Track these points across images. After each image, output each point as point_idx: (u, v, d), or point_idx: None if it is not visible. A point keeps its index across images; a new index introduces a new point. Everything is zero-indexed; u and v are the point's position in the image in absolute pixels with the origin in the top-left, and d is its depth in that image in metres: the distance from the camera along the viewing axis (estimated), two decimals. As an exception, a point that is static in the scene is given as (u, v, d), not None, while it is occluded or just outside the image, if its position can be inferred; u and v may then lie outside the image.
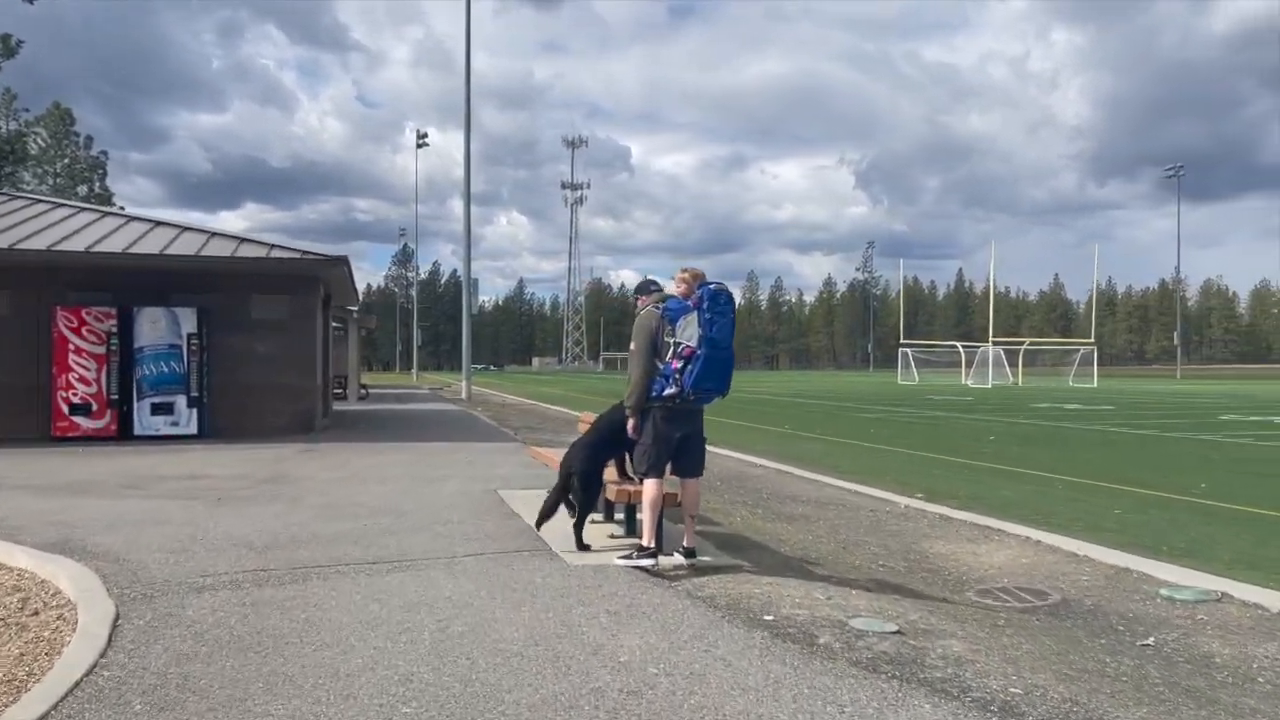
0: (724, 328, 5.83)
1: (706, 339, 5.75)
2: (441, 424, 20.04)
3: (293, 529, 7.00)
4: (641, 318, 6.14)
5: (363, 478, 10.27)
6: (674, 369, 5.80)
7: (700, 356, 5.75)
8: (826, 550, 7.38)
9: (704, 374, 5.78)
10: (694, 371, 5.74)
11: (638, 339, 6.05)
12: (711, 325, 5.77)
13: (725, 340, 5.85)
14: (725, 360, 5.91)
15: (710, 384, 5.85)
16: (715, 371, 5.84)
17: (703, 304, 5.81)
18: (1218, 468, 13.13)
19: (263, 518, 7.53)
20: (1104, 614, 5.87)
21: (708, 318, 5.77)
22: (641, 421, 6.04)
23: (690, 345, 5.76)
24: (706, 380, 5.82)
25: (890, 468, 13.30)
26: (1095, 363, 59.10)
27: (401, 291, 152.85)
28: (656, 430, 5.94)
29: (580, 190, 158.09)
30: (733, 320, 5.97)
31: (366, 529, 6.99)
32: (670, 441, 5.96)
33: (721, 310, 5.83)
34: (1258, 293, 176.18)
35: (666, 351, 5.91)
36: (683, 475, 6.12)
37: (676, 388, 5.79)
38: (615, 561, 5.82)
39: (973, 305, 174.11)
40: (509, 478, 10.36)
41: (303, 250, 14.97)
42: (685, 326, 5.82)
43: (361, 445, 14.37)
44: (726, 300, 5.90)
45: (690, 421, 6.05)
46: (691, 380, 5.76)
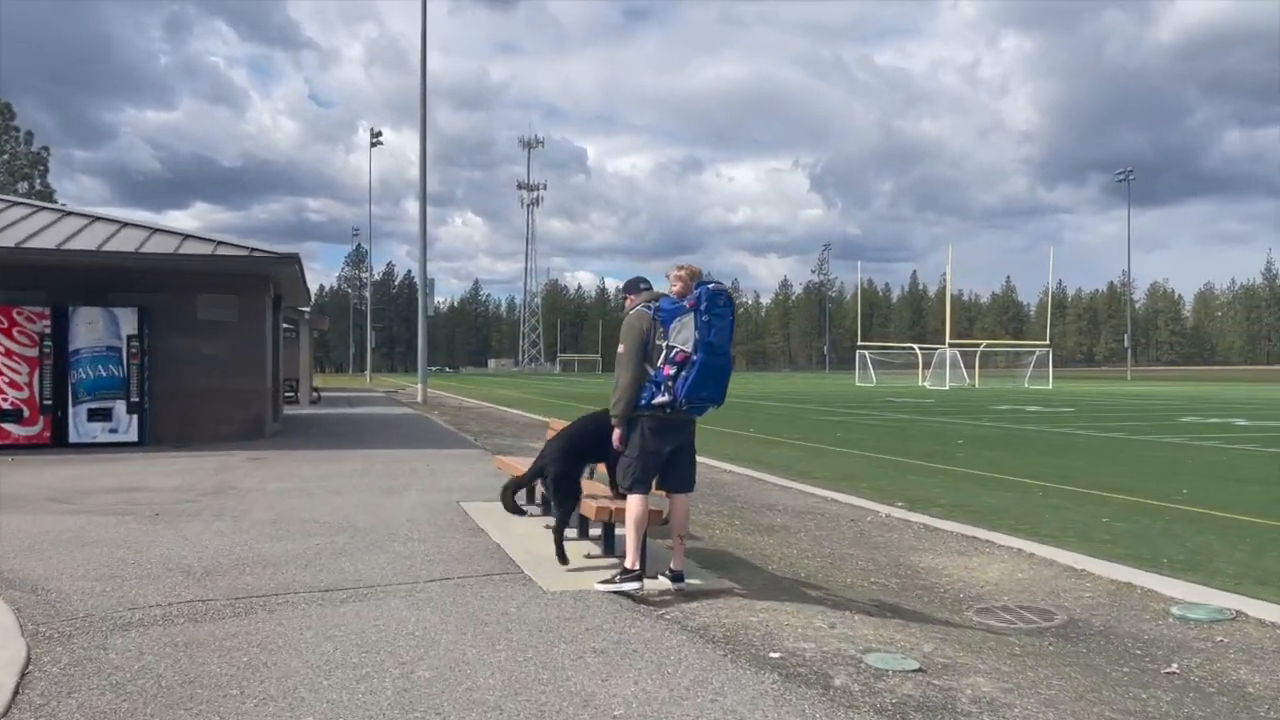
0: (723, 331, 5.37)
1: (704, 343, 5.28)
2: (398, 429, 19.33)
3: (237, 550, 6.38)
4: (631, 318, 5.64)
5: (315, 489, 9.63)
6: (666, 375, 5.32)
7: (696, 362, 5.28)
8: (814, 566, 6.94)
9: (699, 382, 5.30)
10: (689, 379, 5.27)
11: (626, 340, 5.54)
12: (709, 329, 5.30)
13: (724, 345, 5.38)
14: (723, 367, 5.43)
15: (706, 392, 5.38)
16: (711, 379, 5.36)
17: (700, 305, 5.33)
18: (1193, 473, 12.94)
19: (204, 537, 6.89)
20: (1117, 636, 5.49)
21: (705, 320, 5.30)
22: (628, 431, 5.52)
23: (685, 350, 5.29)
24: (702, 388, 5.34)
25: (864, 474, 12.94)
26: (1050, 364, 59.68)
27: (355, 293, 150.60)
28: (645, 441, 5.43)
29: (537, 191, 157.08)
30: (732, 324, 5.49)
31: (319, 549, 6.39)
32: (659, 455, 5.46)
33: (720, 313, 5.36)
34: (1202, 296, 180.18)
35: (658, 356, 5.42)
36: (671, 490, 5.61)
37: (669, 396, 5.31)
38: (596, 586, 5.30)
39: (926, 307, 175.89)
40: (472, 488, 9.78)
41: (251, 247, 14.23)
42: (680, 329, 5.34)
43: (314, 453, 13.67)
44: (726, 302, 5.43)
45: (681, 433, 5.55)
46: (685, 388, 5.28)
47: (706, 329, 5.28)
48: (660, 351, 5.40)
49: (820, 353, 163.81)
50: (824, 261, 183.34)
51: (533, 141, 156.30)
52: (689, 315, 5.33)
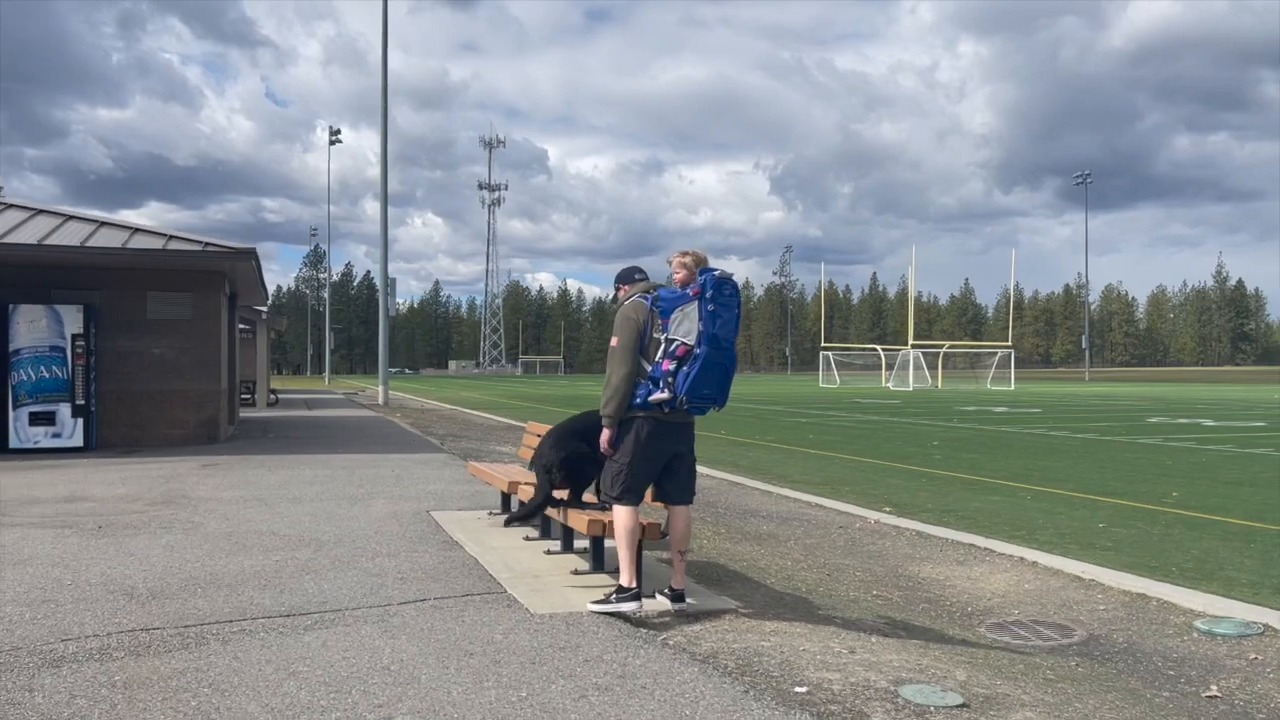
0: (729, 324, 4.90)
1: (708, 335, 4.81)
2: (360, 432, 18.66)
3: (187, 568, 5.80)
4: (626, 308, 5.13)
5: (274, 498, 9.03)
6: (665, 370, 4.84)
7: (699, 356, 4.80)
8: (812, 579, 6.52)
9: (702, 378, 4.82)
10: (691, 374, 4.79)
11: (621, 333, 5.03)
12: (715, 319, 4.82)
13: (729, 339, 4.91)
14: (727, 363, 4.95)
15: (708, 390, 4.89)
16: (715, 376, 4.88)
17: (705, 293, 4.85)
18: (1178, 474, 12.73)
19: (151, 552, 6.30)
20: (1145, 655, 5.12)
21: (710, 310, 4.82)
22: (620, 435, 5.02)
23: (687, 343, 4.82)
24: (705, 385, 4.85)
25: (844, 477, 12.59)
26: (1012, 366, 60.06)
27: (313, 293, 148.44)
28: (639, 445, 4.94)
29: (498, 192, 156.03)
30: (738, 316, 5.00)
31: (279, 566, 5.83)
32: (655, 460, 4.99)
33: (726, 302, 4.89)
34: (1154, 298, 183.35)
35: (656, 350, 4.93)
36: (670, 501, 5.13)
37: (668, 393, 4.83)
38: (589, 607, 4.81)
39: (887, 309, 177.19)
40: (442, 495, 9.24)
41: (205, 241, 13.54)
42: (681, 320, 4.86)
43: (272, 458, 13.02)
44: (733, 291, 4.95)
45: (680, 437, 5.07)
46: (687, 385, 4.80)
47: (711, 320, 4.82)
48: (658, 345, 4.93)
49: (782, 354, 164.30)
50: (786, 263, 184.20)
51: (494, 141, 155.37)
52: (692, 305, 4.86)
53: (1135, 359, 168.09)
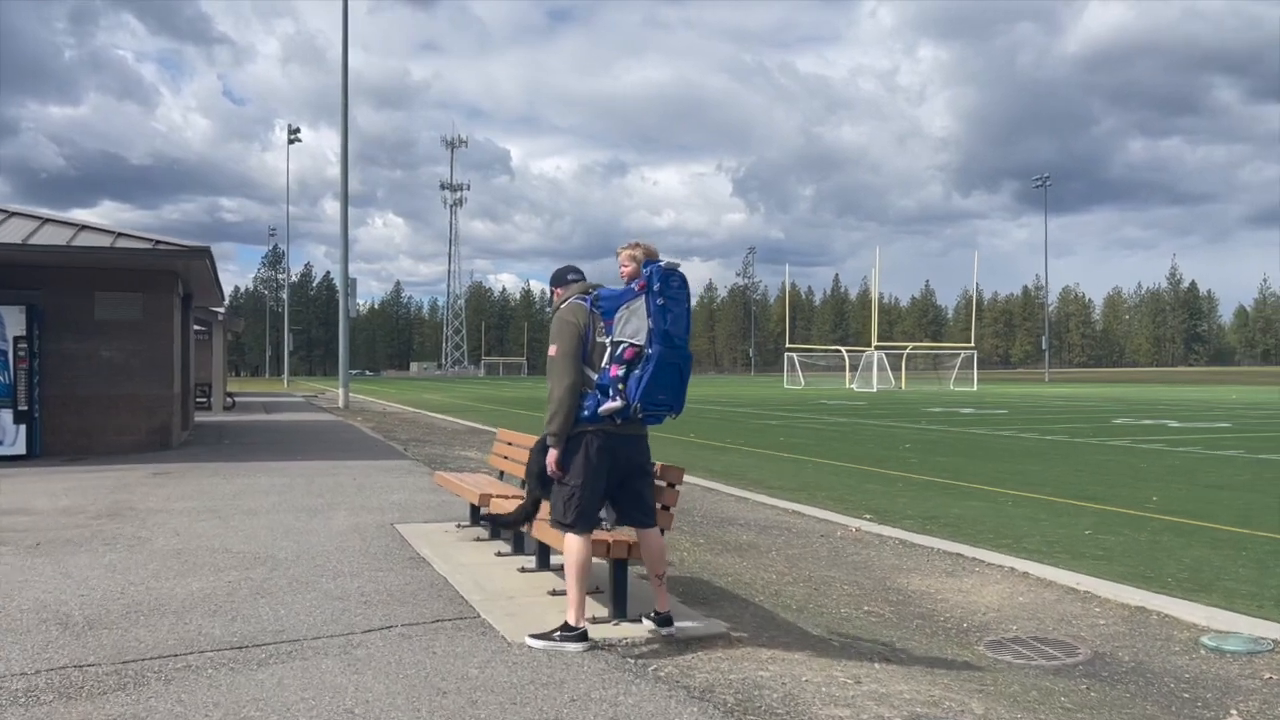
0: (680, 318, 4.44)
1: (659, 333, 4.34)
2: (320, 437, 18.09)
3: (130, 590, 5.34)
4: (563, 312, 4.67)
5: (228, 509, 8.54)
6: (614, 377, 4.38)
7: (652, 357, 4.33)
8: (799, 594, 6.21)
9: (656, 381, 4.34)
10: (644, 378, 4.32)
11: (560, 340, 4.57)
12: (665, 315, 4.36)
13: (682, 335, 4.45)
14: (681, 363, 4.47)
15: (664, 395, 4.41)
16: (670, 378, 4.41)
17: (652, 286, 4.39)
18: (1155, 478, 12.61)
19: (91, 573, 5.83)
20: (1155, 675, 4.86)
21: (660, 304, 4.36)
22: (567, 453, 4.52)
23: (635, 343, 4.36)
24: (659, 389, 4.37)
25: (819, 482, 12.32)
26: (975, 367, 60.47)
27: (272, 294, 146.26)
28: (589, 465, 4.48)
29: (460, 192, 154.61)
30: (690, 310, 4.53)
31: (231, 588, 5.39)
32: (605, 480, 4.52)
33: (675, 295, 4.44)
34: (1110, 300, 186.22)
35: (601, 355, 4.48)
36: (637, 525, 4.66)
37: (620, 401, 4.36)
38: (527, 640, 4.33)
39: (848, 311, 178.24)
40: (407, 506, 8.81)
41: (155, 239, 12.95)
42: (628, 319, 4.41)
43: (227, 465, 12.48)
44: (681, 283, 4.50)
45: (635, 449, 4.60)
46: (640, 390, 4.33)
47: (662, 315, 4.35)
48: (603, 350, 4.47)
49: (745, 355, 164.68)
50: (749, 265, 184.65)
51: (456, 141, 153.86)
52: (639, 301, 4.40)
53: (1092, 359, 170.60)
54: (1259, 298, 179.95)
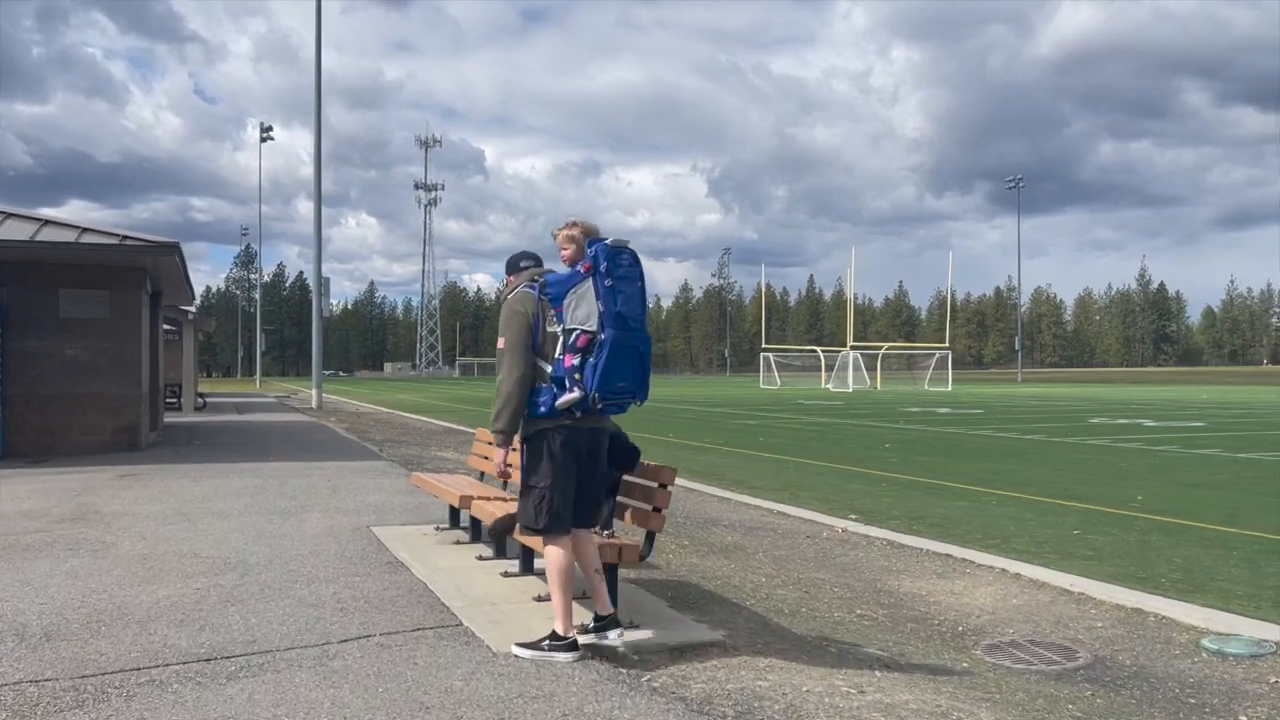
0: (633, 298, 4.15)
1: (611, 316, 4.05)
2: (293, 438, 17.75)
3: (92, 598, 5.08)
4: (511, 302, 4.39)
5: (197, 512, 8.26)
6: (569, 367, 4.11)
7: (606, 342, 4.04)
8: (791, 597, 6.04)
9: (614, 367, 4.05)
10: (599, 365, 4.04)
11: (508, 331, 4.29)
12: (615, 295, 4.06)
13: (637, 317, 4.16)
14: (640, 346, 4.19)
15: (624, 382, 4.12)
16: (628, 363, 4.11)
17: (598, 266, 4.09)
18: (1137, 477, 12.57)
19: (51, 580, 5.55)
20: (1158, 680, 4.72)
21: (608, 285, 4.06)
22: (528, 454, 4.28)
23: (588, 330, 4.08)
24: (618, 376, 4.08)
25: (802, 482, 12.19)
26: (950, 367, 60.72)
27: (244, 294, 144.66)
28: (555, 464, 4.20)
29: (434, 191, 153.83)
30: (644, 289, 4.24)
31: (199, 595, 5.14)
32: (575, 478, 4.26)
33: (626, 274, 4.15)
34: (1081, 301, 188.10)
35: (553, 345, 4.21)
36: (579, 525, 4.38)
37: (578, 391, 4.08)
38: (513, 649, 4.11)
39: (823, 311, 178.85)
40: (383, 508, 8.56)
41: (122, 235, 12.60)
42: (577, 304, 4.12)
43: (197, 467, 12.15)
44: (632, 261, 4.20)
45: (599, 442, 4.35)
46: (597, 378, 4.04)
47: (612, 296, 4.06)
48: (555, 339, 4.20)
49: (721, 355, 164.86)
50: (724, 265, 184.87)
51: (430, 141, 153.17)
52: (586, 283, 4.11)
53: (1063, 360, 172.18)
54: (1226, 299, 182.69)
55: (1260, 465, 13.98)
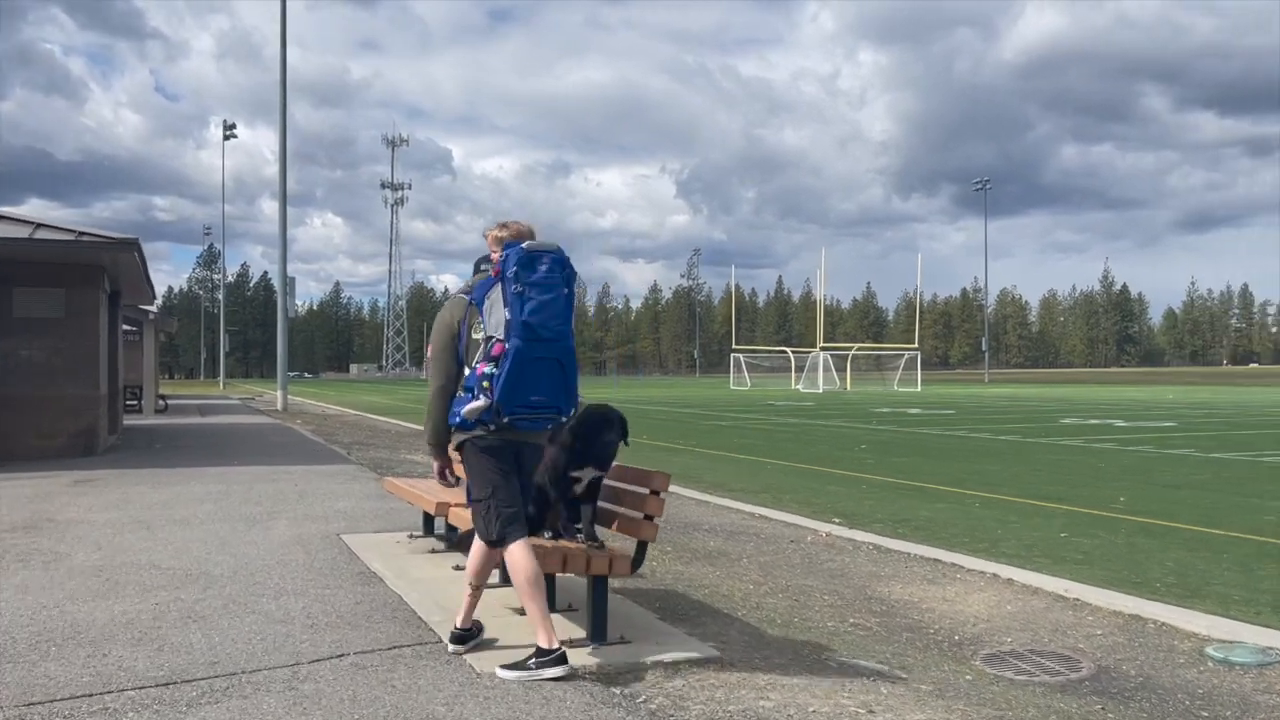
0: (549, 307, 3.88)
1: (517, 325, 3.81)
2: (258, 441, 17.30)
3: (43, 615, 4.75)
4: (443, 309, 4.25)
5: (157, 520, 7.89)
6: (480, 375, 3.88)
7: (509, 352, 3.80)
8: (781, 607, 5.82)
9: (520, 380, 3.81)
10: (502, 376, 3.81)
11: (432, 339, 4.17)
12: (522, 303, 3.81)
13: (551, 327, 3.88)
14: (560, 358, 3.94)
15: (538, 396, 3.89)
16: (540, 376, 3.87)
17: (506, 271, 3.87)
18: (1115, 478, 12.52)
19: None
20: (1166, 691, 4.55)
21: (516, 291, 3.82)
22: (466, 465, 4.11)
23: (501, 338, 3.86)
24: (528, 389, 3.84)
25: (781, 484, 12.02)
26: (919, 368, 61.03)
27: (207, 294, 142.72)
28: (487, 472, 4.01)
29: (401, 191, 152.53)
30: (567, 298, 3.96)
31: (159, 611, 4.82)
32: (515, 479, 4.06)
33: (541, 281, 3.88)
34: (1046, 302, 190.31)
35: (475, 353, 3.99)
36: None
37: (485, 400, 3.84)
38: (498, 671, 3.82)
39: (792, 312, 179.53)
40: (353, 515, 8.24)
41: (79, 231, 12.15)
42: (491, 310, 3.92)
43: (158, 472, 11.73)
44: (552, 266, 3.93)
45: (526, 459, 4.13)
46: (499, 390, 3.81)
47: (519, 304, 3.81)
48: (479, 347, 3.98)
49: (690, 356, 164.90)
50: (693, 266, 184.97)
51: (397, 140, 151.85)
52: (496, 289, 3.91)
53: (1029, 360, 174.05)
54: (1187, 300, 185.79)
55: (1235, 465, 14.00)
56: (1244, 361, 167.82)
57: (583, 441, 4.59)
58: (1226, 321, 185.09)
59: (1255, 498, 10.65)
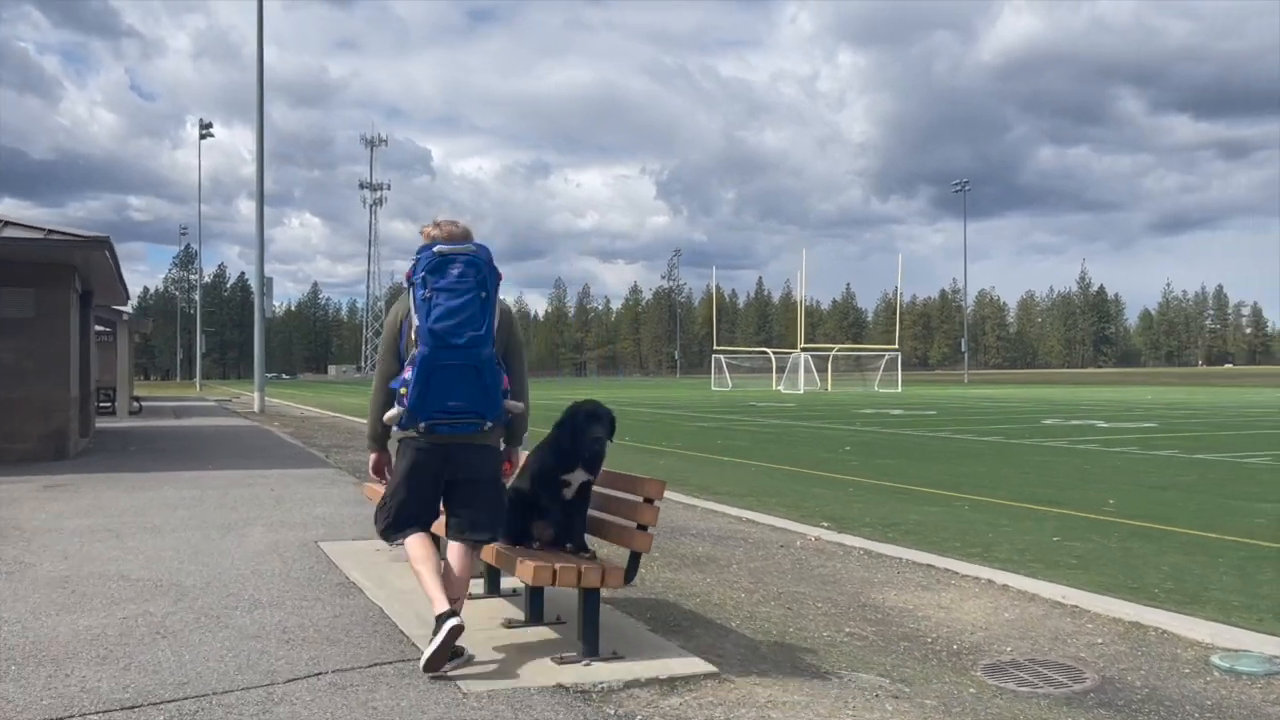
0: (459, 312, 3.81)
1: (424, 331, 3.81)
2: (234, 444, 16.98)
3: (3, 632, 4.48)
4: (394, 305, 4.21)
5: (127, 527, 7.63)
6: (403, 379, 3.92)
7: (417, 358, 3.82)
8: (775, 616, 5.65)
9: (427, 389, 3.81)
10: (413, 382, 3.83)
11: (383, 336, 4.19)
12: (429, 309, 3.81)
13: (462, 333, 3.81)
14: (475, 365, 3.84)
15: (457, 402, 3.84)
16: (450, 384, 3.82)
17: (415, 276, 3.89)
18: (1102, 480, 12.45)
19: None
20: (1175, 704, 4.42)
21: (423, 297, 3.83)
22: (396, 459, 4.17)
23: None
24: (446, 395, 3.83)
25: (767, 487, 11.86)
26: (900, 368, 61.14)
27: (184, 295, 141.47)
28: (400, 473, 4.07)
29: (380, 191, 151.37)
30: (484, 301, 3.86)
31: (126, 626, 4.59)
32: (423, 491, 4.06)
33: (450, 287, 3.83)
34: (1024, 303, 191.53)
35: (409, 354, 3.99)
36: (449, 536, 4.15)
37: (399, 407, 3.92)
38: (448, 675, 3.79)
39: (772, 313, 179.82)
40: (332, 521, 8.00)
41: (48, 229, 11.82)
42: (412, 313, 3.95)
43: (130, 476, 11.43)
44: (464, 270, 3.86)
45: (454, 462, 4.03)
46: (412, 396, 3.83)
47: (425, 310, 3.81)
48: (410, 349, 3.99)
49: (671, 357, 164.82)
50: (674, 267, 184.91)
51: (375, 140, 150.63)
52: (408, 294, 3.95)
53: (1007, 361, 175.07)
54: (1162, 301, 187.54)
55: (1221, 466, 13.98)
56: (1219, 362, 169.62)
57: (571, 439, 4.41)
58: (1201, 323, 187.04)
59: (1243, 500, 10.59)
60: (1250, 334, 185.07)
